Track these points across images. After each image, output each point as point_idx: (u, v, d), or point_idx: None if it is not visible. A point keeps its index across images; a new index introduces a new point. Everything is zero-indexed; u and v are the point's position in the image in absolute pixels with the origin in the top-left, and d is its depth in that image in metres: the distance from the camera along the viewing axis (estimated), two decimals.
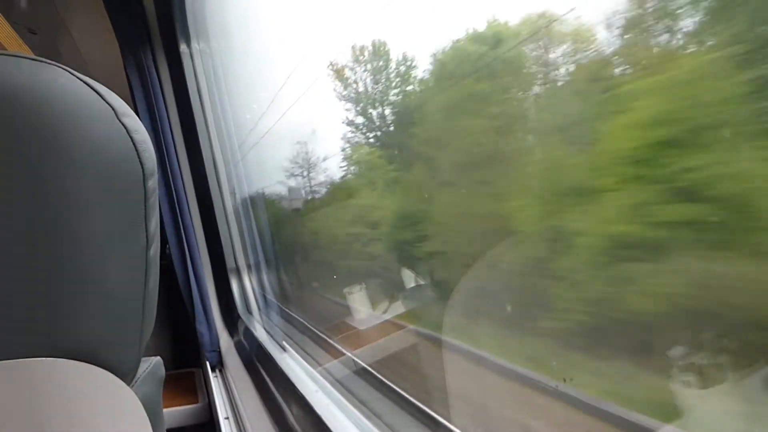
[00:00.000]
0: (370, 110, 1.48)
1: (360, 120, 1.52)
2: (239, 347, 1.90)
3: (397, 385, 1.21)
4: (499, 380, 0.99)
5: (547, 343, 0.86)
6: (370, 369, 1.32)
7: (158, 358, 0.51)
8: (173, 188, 1.93)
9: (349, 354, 1.43)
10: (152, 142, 0.44)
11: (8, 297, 0.35)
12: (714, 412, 0.60)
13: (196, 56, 2.05)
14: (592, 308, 0.75)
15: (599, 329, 0.76)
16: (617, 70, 0.73)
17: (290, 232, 2.30)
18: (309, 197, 2.08)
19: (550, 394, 0.83)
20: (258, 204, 2.17)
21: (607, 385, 0.75)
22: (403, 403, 1.16)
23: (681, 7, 0.60)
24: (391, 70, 1.39)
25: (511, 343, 0.96)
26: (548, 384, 0.84)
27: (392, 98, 1.43)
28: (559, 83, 0.85)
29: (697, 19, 0.59)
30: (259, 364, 1.55)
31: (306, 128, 1.94)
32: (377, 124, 1.45)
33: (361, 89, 1.50)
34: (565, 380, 0.82)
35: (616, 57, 0.71)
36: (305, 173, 2.05)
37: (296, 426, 1.10)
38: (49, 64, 0.38)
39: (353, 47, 1.45)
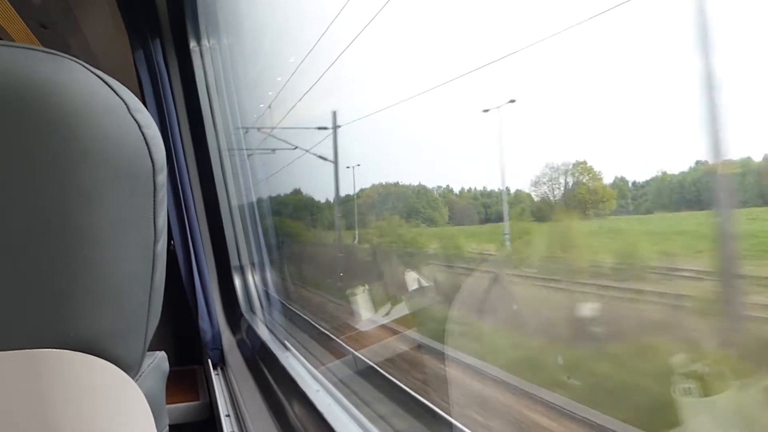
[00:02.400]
0: None
1: None
2: (241, 345, 1.90)
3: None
4: None
5: None
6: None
7: (162, 352, 0.51)
8: (179, 185, 1.93)
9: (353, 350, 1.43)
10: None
11: (15, 287, 0.35)
12: None
13: (206, 53, 2.06)
14: None
15: None
16: None
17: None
18: None
19: None
20: (264, 203, 2.17)
21: None
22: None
23: None
24: None
25: None
26: None
27: None
28: None
29: None
30: (262, 363, 1.55)
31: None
32: None
33: None
34: None
35: None
36: None
37: (297, 424, 1.10)
38: (63, 57, 0.38)
39: None
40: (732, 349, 0.76)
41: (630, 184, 0.85)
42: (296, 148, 2.11)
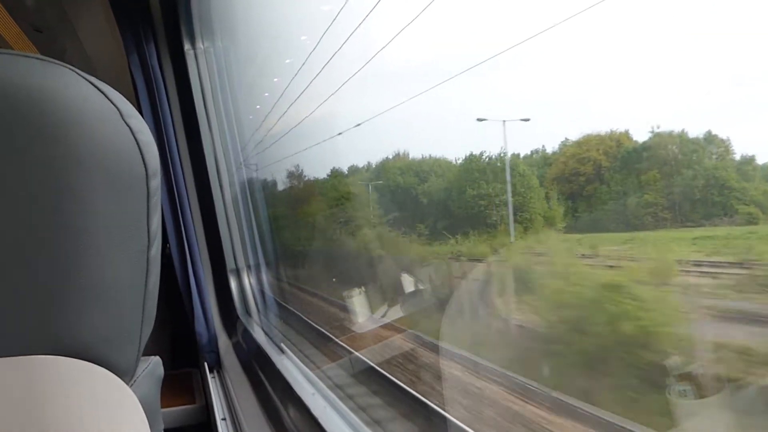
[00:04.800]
0: None
1: None
2: (237, 348, 1.90)
3: None
4: None
5: None
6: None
7: (157, 357, 0.51)
8: (175, 188, 1.93)
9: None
10: (155, 142, 0.44)
11: (9, 293, 0.35)
12: None
13: (201, 56, 2.06)
14: None
15: None
16: None
17: None
18: None
19: None
20: (259, 203, 2.17)
21: None
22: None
23: None
24: None
25: None
26: None
27: None
28: None
29: None
30: (257, 366, 1.55)
31: None
32: None
33: None
34: None
35: None
36: None
37: (293, 428, 1.10)
38: (56, 64, 0.38)
39: None
40: None
41: None
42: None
